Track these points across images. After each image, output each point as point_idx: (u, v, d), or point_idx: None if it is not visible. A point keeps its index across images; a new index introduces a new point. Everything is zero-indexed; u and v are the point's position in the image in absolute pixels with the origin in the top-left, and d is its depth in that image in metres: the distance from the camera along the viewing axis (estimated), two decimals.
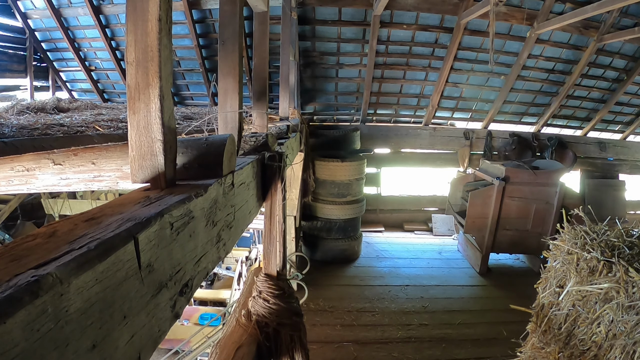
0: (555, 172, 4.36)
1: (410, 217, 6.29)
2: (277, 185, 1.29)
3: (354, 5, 4.56)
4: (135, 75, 0.67)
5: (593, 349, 1.45)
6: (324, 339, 3.13)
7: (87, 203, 4.67)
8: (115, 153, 0.80)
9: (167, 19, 0.67)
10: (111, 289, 0.45)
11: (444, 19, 4.75)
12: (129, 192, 0.70)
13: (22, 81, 5.25)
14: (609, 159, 6.28)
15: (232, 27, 1.15)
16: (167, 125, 0.70)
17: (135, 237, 0.50)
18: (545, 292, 1.79)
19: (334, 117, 6.03)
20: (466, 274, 4.50)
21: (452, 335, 3.24)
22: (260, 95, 1.76)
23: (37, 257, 0.39)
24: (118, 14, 4.82)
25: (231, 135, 0.91)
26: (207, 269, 0.78)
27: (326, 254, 4.67)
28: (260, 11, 1.75)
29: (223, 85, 1.18)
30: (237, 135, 1.18)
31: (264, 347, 1.22)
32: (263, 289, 1.29)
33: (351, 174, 4.71)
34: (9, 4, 4.83)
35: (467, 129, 6.06)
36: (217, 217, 0.84)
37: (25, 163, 0.82)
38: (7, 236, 4.45)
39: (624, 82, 5.45)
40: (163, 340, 0.60)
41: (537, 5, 4.47)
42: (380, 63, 5.21)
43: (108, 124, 1.92)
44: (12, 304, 0.32)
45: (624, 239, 1.60)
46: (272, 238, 1.37)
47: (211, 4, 4.60)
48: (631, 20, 4.60)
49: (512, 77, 5.24)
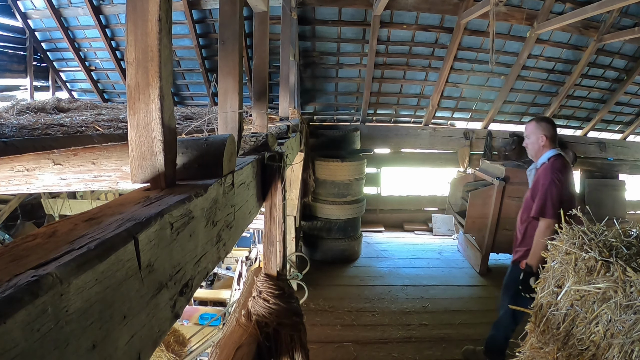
0: None
1: (410, 217, 6.29)
2: (277, 185, 1.30)
3: (354, 5, 4.56)
4: (135, 75, 0.67)
5: (591, 348, 1.45)
6: (324, 339, 3.13)
7: (87, 203, 4.66)
8: (115, 153, 0.80)
9: (167, 19, 0.67)
10: (111, 289, 0.45)
11: (444, 19, 4.75)
12: (129, 192, 0.70)
13: (22, 81, 5.25)
14: (609, 159, 6.28)
15: (232, 27, 1.15)
16: (167, 125, 0.70)
17: (135, 237, 0.50)
18: (543, 292, 1.79)
19: (334, 117, 6.03)
20: (466, 274, 4.50)
21: (452, 335, 3.24)
22: (260, 95, 1.76)
23: (37, 257, 0.40)
24: (118, 14, 4.82)
25: (231, 135, 0.91)
26: (207, 269, 0.78)
27: (326, 254, 4.67)
28: (260, 11, 1.75)
29: (223, 85, 1.19)
30: (237, 135, 1.19)
31: (264, 347, 1.22)
32: (263, 289, 1.30)
33: (351, 174, 4.70)
34: (9, 4, 4.82)
35: (467, 129, 6.06)
36: (217, 217, 0.84)
37: (25, 163, 0.82)
38: (7, 236, 4.44)
39: (624, 82, 5.45)
40: (163, 339, 0.60)
41: (537, 5, 4.47)
42: (380, 63, 5.21)
43: (108, 124, 1.92)
44: (12, 304, 0.32)
45: (622, 239, 1.60)
46: (272, 238, 1.37)
47: (211, 4, 4.60)
48: (631, 20, 4.60)
49: (512, 77, 5.24)
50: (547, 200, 2.31)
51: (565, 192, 2.33)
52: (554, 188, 2.31)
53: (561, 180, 2.32)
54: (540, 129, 2.49)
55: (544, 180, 2.37)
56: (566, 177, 2.37)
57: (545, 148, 2.48)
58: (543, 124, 2.52)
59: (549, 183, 2.33)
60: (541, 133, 2.48)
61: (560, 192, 2.30)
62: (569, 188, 2.40)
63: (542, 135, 2.47)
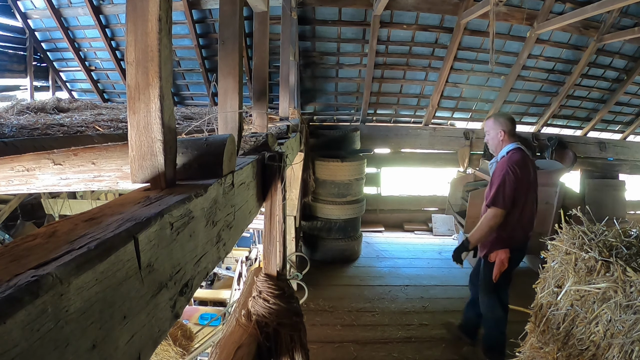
0: (555, 172, 4.36)
1: (410, 217, 6.29)
2: (277, 185, 1.30)
3: (354, 5, 4.56)
4: (135, 75, 0.67)
5: (591, 348, 1.45)
6: (324, 339, 3.13)
7: (87, 203, 4.66)
8: (115, 153, 0.80)
9: (167, 19, 0.67)
10: (111, 289, 0.45)
11: (444, 19, 4.75)
12: (129, 192, 0.70)
13: (22, 81, 5.24)
14: (609, 159, 6.28)
15: (232, 27, 1.15)
16: (167, 125, 0.70)
17: (135, 237, 0.50)
18: (543, 292, 1.79)
19: (334, 117, 6.03)
20: (466, 274, 4.48)
21: (452, 335, 3.24)
22: (260, 95, 1.76)
23: (37, 257, 0.40)
24: (118, 14, 4.82)
25: (231, 135, 0.91)
26: (207, 269, 0.78)
27: (326, 254, 4.67)
28: (260, 11, 1.75)
29: (223, 85, 1.19)
30: (237, 135, 1.19)
31: (264, 347, 1.22)
32: (263, 289, 1.29)
33: (351, 174, 4.70)
34: (9, 4, 4.82)
35: (467, 129, 6.06)
36: (217, 217, 0.84)
37: (25, 163, 0.82)
38: (7, 236, 4.44)
39: (624, 82, 5.45)
40: (163, 339, 0.60)
41: (537, 5, 4.47)
42: (380, 63, 5.21)
43: (108, 124, 1.92)
44: (12, 304, 0.32)
45: (622, 239, 1.60)
46: (272, 238, 1.37)
47: (211, 4, 4.60)
48: (631, 20, 4.60)
49: (512, 77, 5.24)
50: (500, 191, 2.42)
51: (520, 183, 2.43)
52: (507, 180, 2.41)
53: (516, 172, 2.41)
54: (499, 125, 2.60)
55: (500, 172, 2.48)
56: (523, 169, 2.46)
57: (504, 142, 2.58)
58: (501, 119, 2.62)
59: (503, 175, 2.43)
60: (500, 128, 2.59)
61: (514, 184, 2.40)
62: (526, 179, 2.50)
63: (501, 130, 2.58)
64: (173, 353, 3.10)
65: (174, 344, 3.14)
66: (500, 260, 2.52)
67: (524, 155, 2.53)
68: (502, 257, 2.52)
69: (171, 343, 3.12)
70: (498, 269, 2.53)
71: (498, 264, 2.53)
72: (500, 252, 2.52)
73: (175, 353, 3.10)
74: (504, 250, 2.51)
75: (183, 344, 3.22)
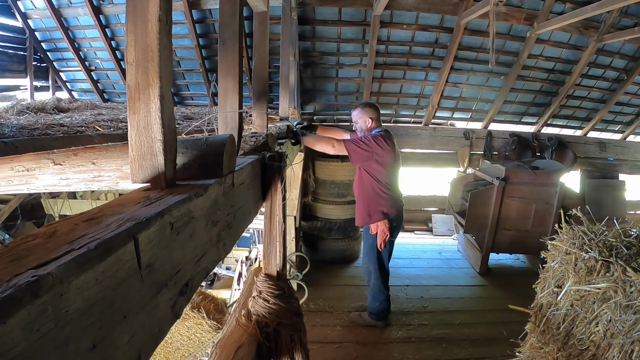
0: (555, 172, 4.36)
1: (410, 217, 6.29)
2: (277, 185, 1.30)
3: (354, 5, 4.56)
4: (135, 75, 0.67)
5: (591, 348, 1.45)
6: (324, 339, 3.13)
7: (87, 203, 4.66)
8: (115, 153, 0.80)
9: (167, 19, 0.67)
10: (111, 289, 0.45)
11: (444, 19, 4.75)
12: (129, 192, 0.70)
13: (22, 81, 5.24)
14: (609, 159, 6.28)
15: (232, 27, 1.15)
16: (167, 125, 0.70)
17: (135, 237, 0.50)
18: (543, 292, 1.79)
19: (334, 117, 6.03)
20: (466, 274, 4.50)
21: (452, 335, 3.24)
22: (260, 95, 1.76)
23: (37, 257, 0.40)
24: (118, 14, 4.82)
25: (231, 135, 0.91)
26: (207, 269, 0.78)
27: (326, 254, 4.67)
28: (260, 11, 1.75)
29: (223, 85, 1.19)
30: (237, 135, 1.19)
31: (264, 347, 1.22)
32: (263, 289, 1.30)
33: (351, 174, 4.70)
34: (9, 4, 4.82)
35: (467, 129, 6.06)
36: (217, 217, 0.84)
37: (25, 163, 0.82)
38: (7, 236, 4.44)
39: (624, 82, 5.45)
40: (163, 339, 0.60)
41: (537, 5, 4.47)
42: (380, 63, 5.21)
43: (108, 124, 1.92)
44: (12, 304, 0.32)
45: (622, 239, 1.60)
46: (272, 238, 1.37)
47: (211, 4, 4.60)
48: (631, 20, 4.60)
49: (512, 77, 5.24)
50: (356, 141, 2.68)
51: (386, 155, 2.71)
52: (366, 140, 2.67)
53: (379, 141, 2.67)
54: (365, 113, 2.87)
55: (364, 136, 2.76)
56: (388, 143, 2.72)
57: (372, 129, 2.86)
58: (367, 108, 2.89)
59: (366, 137, 2.71)
60: (367, 116, 2.86)
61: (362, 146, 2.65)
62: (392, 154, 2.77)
63: (368, 118, 2.85)
64: (207, 327, 3.10)
65: (207, 317, 3.13)
66: (381, 231, 2.88)
67: (387, 134, 2.77)
68: (382, 228, 2.88)
69: (205, 316, 3.11)
70: (381, 238, 2.90)
71: (380, 233, 2.89)
72: (380, 223, 2.88)
73: (209, 327, 3.10)
74: (382, 222, 2.87)
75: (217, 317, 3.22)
